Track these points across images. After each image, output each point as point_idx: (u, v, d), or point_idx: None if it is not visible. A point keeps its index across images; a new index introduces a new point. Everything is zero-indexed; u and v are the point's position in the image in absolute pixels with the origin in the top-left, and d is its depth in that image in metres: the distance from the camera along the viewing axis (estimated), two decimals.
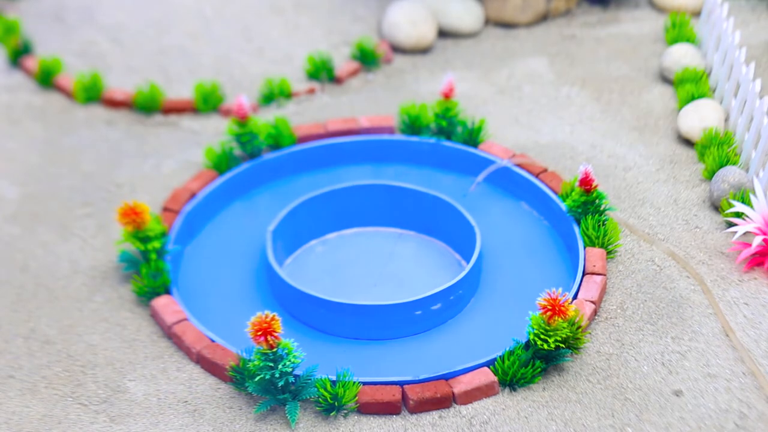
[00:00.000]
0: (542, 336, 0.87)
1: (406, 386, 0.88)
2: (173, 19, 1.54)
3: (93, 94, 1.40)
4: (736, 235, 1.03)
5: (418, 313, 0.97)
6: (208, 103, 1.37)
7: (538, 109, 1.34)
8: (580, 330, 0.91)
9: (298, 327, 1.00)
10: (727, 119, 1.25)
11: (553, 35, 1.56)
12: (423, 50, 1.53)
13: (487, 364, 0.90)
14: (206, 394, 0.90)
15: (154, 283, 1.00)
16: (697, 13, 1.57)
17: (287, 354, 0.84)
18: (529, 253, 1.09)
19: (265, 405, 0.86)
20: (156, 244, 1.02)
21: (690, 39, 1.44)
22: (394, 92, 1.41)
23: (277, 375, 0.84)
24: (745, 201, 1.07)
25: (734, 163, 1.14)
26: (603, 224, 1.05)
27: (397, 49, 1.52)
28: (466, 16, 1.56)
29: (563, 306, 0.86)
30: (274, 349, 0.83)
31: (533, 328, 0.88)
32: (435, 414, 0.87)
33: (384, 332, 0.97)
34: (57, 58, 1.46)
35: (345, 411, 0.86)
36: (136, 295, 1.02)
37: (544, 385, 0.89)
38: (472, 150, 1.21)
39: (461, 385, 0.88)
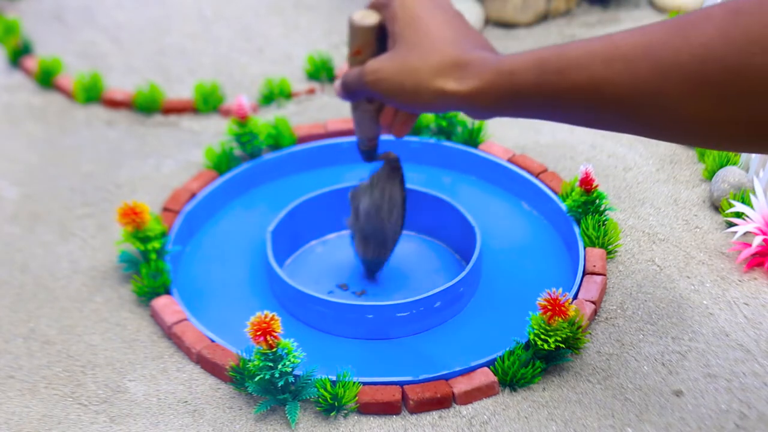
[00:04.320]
0: (542, 336, 0.87)
1: (406, 386, 0.88)
2: (173, 19, 1.54)
3: (93, 94, 1.40)
4: (736, 235, 1.03)
5: (421, 309, 0.97)
6: (208, 103, 1.37)
7: None
8: (580, 330, 0.91)
9: (298, 327, 1.00)
10: None
11: (553, 35, 1.56)
12: None
13: (487, 364, 0.90)
14: (206, 394, 0.90)
15: (154, 283, 1.00)
16: None
17: (287, 354, 0.84)
18: (529, 253, 1.09)
19: (265, 405, 0.86)
20: (156, 244, 1.02)
21: None
22: None
23: (277, 375, 0.84)
24: (745, 201, 1.07)
25: (734, 163, 1.14)
26: (603, 224, 1.05)
27: None
28: (465, 16, 1.55)
29: (563, 306, 0.86)
30: (274, 349, 0.83)
31: (533, 328, 0.88)
32: (435, 414, 0.87)
33: (384, 332, 0.97)
34: (57, 58, 1.46)
35: (345, 411, 0.86)
36: (136, 295, 1.02)
37: (544, 385, 0.89)
38: (472, 150, 1.21)
39: (461, 385, 0.87)
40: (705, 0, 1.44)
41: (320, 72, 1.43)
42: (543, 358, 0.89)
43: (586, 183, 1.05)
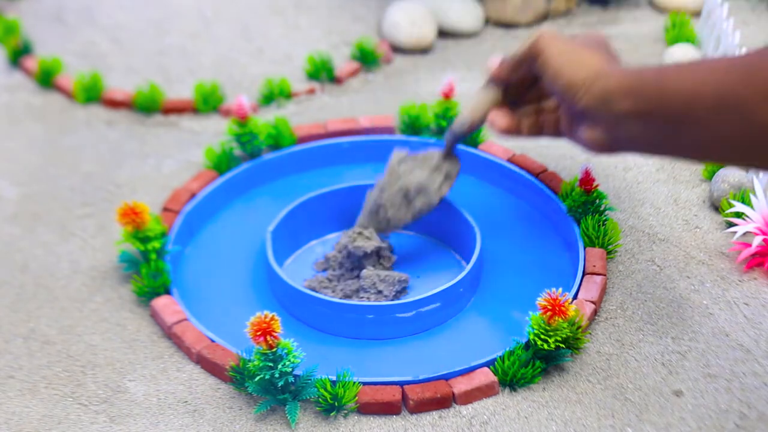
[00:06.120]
0: (542, 336, 0.87)
1: (406, 386, 0.88)
2: (173, 19, 1.54)
3: (93, 94, 1.40)
4: (736, 235, 1.03)
5: (422, 310, 0.97)
6: (208, 103, 1.37)
7: None
8: (580, 330, 0.91)
9: (298, 327, 1.00)
10: None
11: None
12: (423, 50, 1.52)
13: (487, 364, 0.90)
14: (206, 394, 0.90)
15: (154, 283, 1.00)
16: (697, 13, 1.56)
17: (287, 354, 0.84)
18: (529, 254, 1.09)
19: (265, 405, 0.86)
20: (156, 244, 1.02)
21: (690, 39, 1.44)
22: (394, 92, 1.41)
23: (276, 375, 0.84)
24: (745, 201, 1.07)
25: None
26: (603, 224, 1.05)
27: (397, 49, 1.52)
28: (466, 16, 1.56)
29: (563, 306, 0.86)
30: (274, 349, 0.83)
31: (533, 328, 0.88)
32: (435, 414, 0.87)
33: (384, 332, 0.97)
34: (57, 58, 1.46)
35: (345, 411, 0.86)
36: (136, 296, 1.02)
37: (544, 385, 0.89)
38: (472, 150, 1.21)
39: (461, 385, 0.88)
40: (705, 3, 1.44)
41: (320, 72, 1.43)
42: (543, 358, 0.89)
43: (586, 183, 1.05)
